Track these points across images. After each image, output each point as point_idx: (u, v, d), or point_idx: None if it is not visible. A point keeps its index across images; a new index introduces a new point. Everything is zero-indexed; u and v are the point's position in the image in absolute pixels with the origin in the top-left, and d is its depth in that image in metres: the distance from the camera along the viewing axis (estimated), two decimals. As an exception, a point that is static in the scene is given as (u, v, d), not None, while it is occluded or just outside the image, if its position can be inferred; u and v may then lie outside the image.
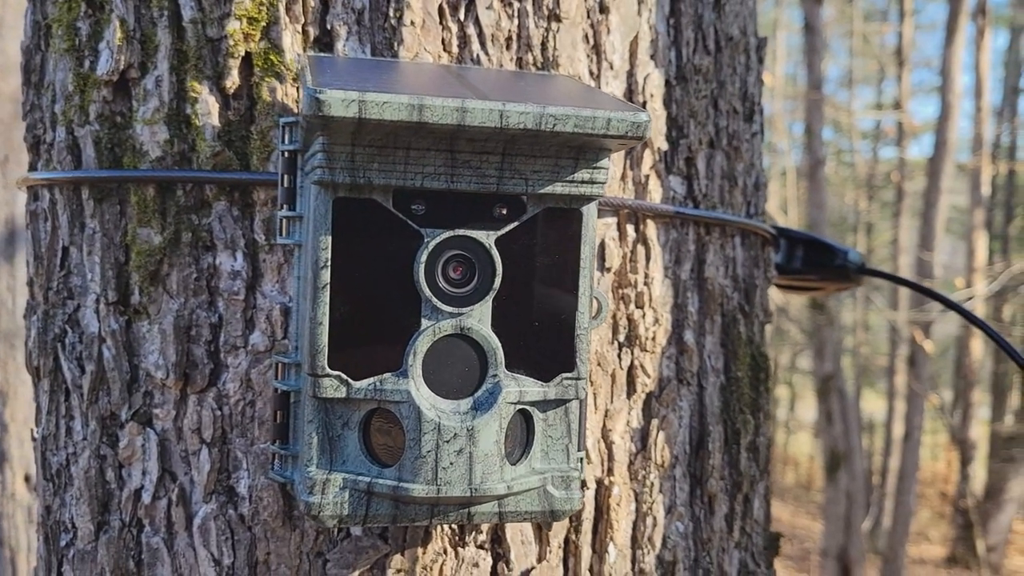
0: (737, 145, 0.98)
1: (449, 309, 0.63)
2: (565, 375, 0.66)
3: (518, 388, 0.64)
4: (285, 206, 0.67)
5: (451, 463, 0.62)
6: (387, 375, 0.63)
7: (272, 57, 0.76)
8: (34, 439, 0.92)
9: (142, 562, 0.81)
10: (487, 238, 0.63)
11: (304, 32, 0.77)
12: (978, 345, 10.07)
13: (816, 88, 7.93)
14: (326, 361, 0.62)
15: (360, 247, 0.62)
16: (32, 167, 0.89)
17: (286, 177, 0.67)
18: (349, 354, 0.62)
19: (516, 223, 0.64)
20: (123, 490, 0.81)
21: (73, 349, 0.83)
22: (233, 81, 0.77)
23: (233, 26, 0.76)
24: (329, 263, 0.61)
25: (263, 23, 0.76)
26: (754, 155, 1.02)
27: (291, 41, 0.77)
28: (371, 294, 0.62)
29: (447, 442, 0.62)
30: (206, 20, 0.77)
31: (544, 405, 0.67)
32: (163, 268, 0.79)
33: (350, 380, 0.62)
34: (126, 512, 0.81)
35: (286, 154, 0.66)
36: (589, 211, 0.65)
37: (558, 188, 0.63)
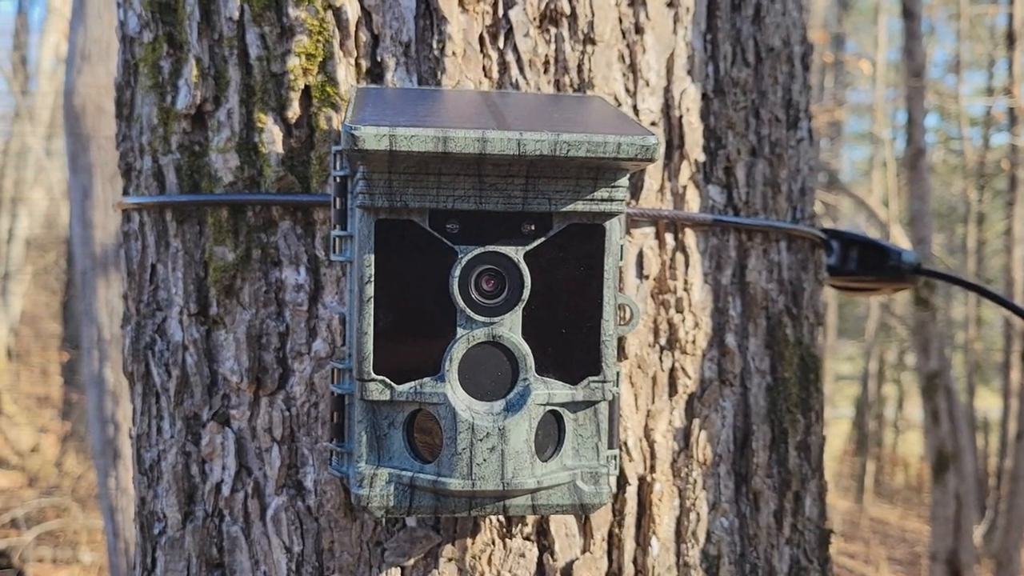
0: (780, 153, 1.00)
1: (482, 319, 0.69)
2: (592, 378, 0.71)
3: (547, 391, 0.70)
4: (337, 226, 0.74)
5: (484, 459, 0.68)
6: (426, 379, 0.69)
7: (328, 89, 0.84)
8: (131, 437, 1.02)
9: (223, 549, 0.89)
10: (516, 253, 0.69)
11: (357, 65, 0.84)
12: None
13: (916, 75, 7.67)
14: (371, 367, 0.69)
15: (400, 263, 0.68)
16: (125, 192, 0.99)
17: (338, 200, 0.74)
18: (392, 360, 0.69)
19: (543, 239, 0.69)
20: (206, 483, 0.90)
21: (162, 356, 0.92)
22: (294, 112, 0.85)
23: (293, 62, 0.84)
24: (373, 278, 0.68)
25: (320, 58, 0.84)
26: (800, 161, 1.04)
27: (345, 74, 0.84)
28: (411, 306, 0.69)
29: (480, 440, 0.68)
30: (270, 57, 0.85)
31: (573, 406, 0.72)
32: (236, 282, 0.87)
33: (393, 384, 0.69)
34: (208, 503, 0.90)
35: (337, 179, 0.73)
36: (612, 226, 0.70)
37: (579, 206, 0.68)
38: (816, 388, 1.06)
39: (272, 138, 0.85)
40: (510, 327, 0.69)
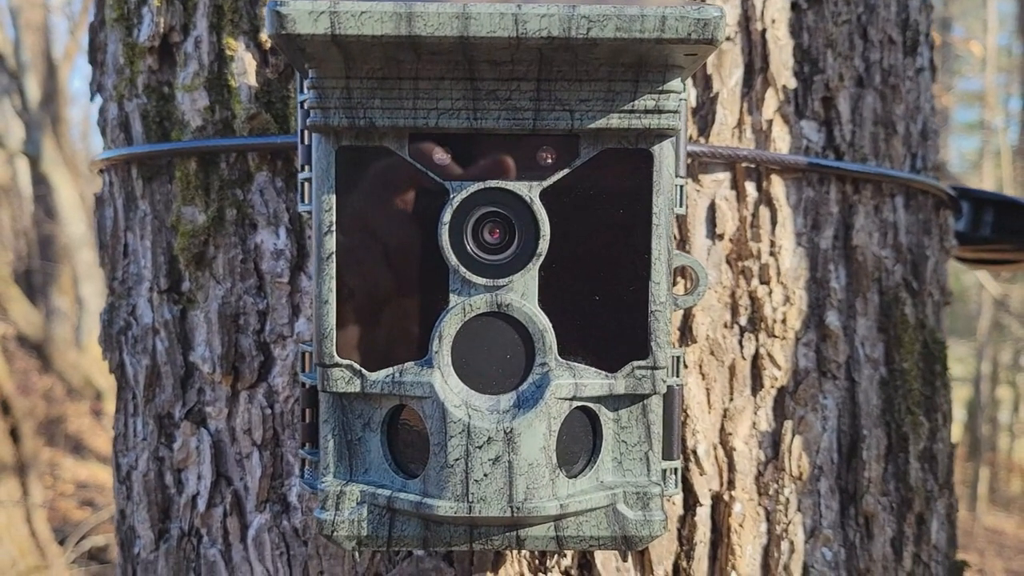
0: (895, 83, 0.79)
1: (483, 281, 0.50)
2: (637, 363, 0.51)
3: (573, 380, 0.51)
4: (306, 167, 0.56)
5: (485, 474, 0.49)
6: (408, 364, 0.51)
7: (309, 2, 0.67)
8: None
9: (201, 575, 0.73)
10: (528, 190, 0.50)
11: (344, -30, 0.67)
12: None
13: (1034, 56, 7.14)
14: (334, 348, 0.51)
15: (371, 207, 0.50)
16: (103, 150, 0.85)
17: (305, 133, 0.56)
18: (362, 339, 0.51)
19: (566, 170, 0.50)
20: (181, 495, 0.74)
21: (135, 343, 0.77)
22: (269, 33, 0.68)
23: (265, -30, 0.67)
24: (334, 227, 0.50)
25: (297, -37, 0.67)
26: (920, 96, 0.83)
27: (329, -18, 0.66)
28: (386, 265, 0.51)
29: (479, 448, 0.49)
30: (242, -33, 0.69)
31: (613, 402, 0.52)
32: (209, 250, 0.71)
33: (364, 371, 0.51)
34: (184, 520, 0.74)
35: (303, 104, 0.56)
36: (661, 152, 0.50)
37: (615, 121, 0.49)
38: (943, 383, 0.84)
39: (243, 68, 0.68)
40: (522, 293, 0.51)
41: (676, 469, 0.56)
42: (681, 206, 0.55)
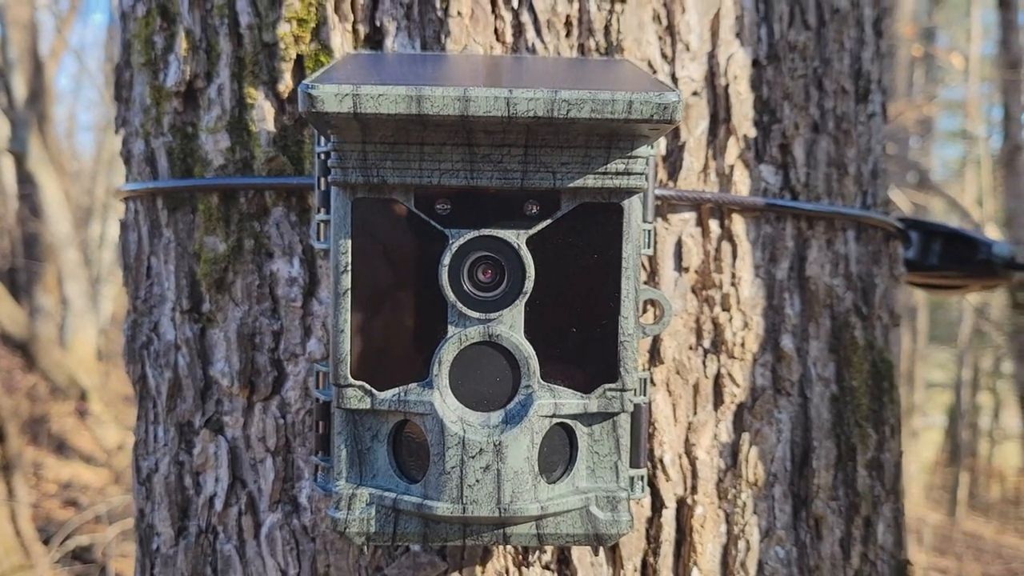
0: (847, 128, 0.88)
1: (476, 315, 0.59)
2: (608, 386, 0.60)
3: (553, 400, 0.59)
4: (322, 210, 0.65)
5: (477, 480, 0.58)
6: (412, 385, 0.59)
7: (323, 58, 0.75)
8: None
9: (217, 569, 0.81)
10: (517, 237, 0.58)
11: (354, 31, 0.75)
12: None
13: (1013, 67, 7.27)
14: (349, 370, 0.59)
15: (381, 250, 0.59)
16: (127, 180, 0.92)
17: (322, 180, 0.64)
18: (373, 363, 0.59)
19: (549, 221, 0.59)
20: (199, 496, 0.82)
21: (157, 357, 0.85)
22: (287, 85, 0.76)
23: (284, 29, 0.75)
24: (349, 267, 0.59)
25: (312, 24, 0.75)
26: (871, 139, 0.91)
27: (341, 41, 0.75)
28: (394, 300, 0.59)
29: (472, 458, 0.58)
30: (262, 25, 0.77)
31: (587, 419, 0.61)
32: (228, 276, 0.79)
33: (374, 390, 0.59)
34: (202, 519, 0.82)
35: (321, 156, 0.64)
36: (630, 205, 0.59)
37: (590, 181, 0.57)
38: (891, 398, 0.93)
39: (263, 115, 0.77)
40: (510, 325, 0.59)
41: (642, 476, 0.65)
42: (649, 247, 0.63)
